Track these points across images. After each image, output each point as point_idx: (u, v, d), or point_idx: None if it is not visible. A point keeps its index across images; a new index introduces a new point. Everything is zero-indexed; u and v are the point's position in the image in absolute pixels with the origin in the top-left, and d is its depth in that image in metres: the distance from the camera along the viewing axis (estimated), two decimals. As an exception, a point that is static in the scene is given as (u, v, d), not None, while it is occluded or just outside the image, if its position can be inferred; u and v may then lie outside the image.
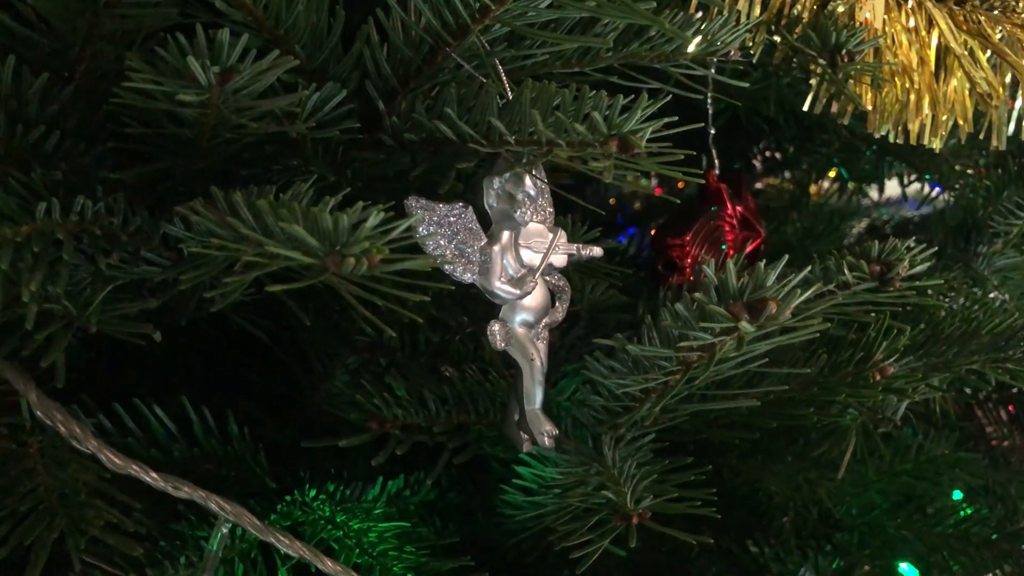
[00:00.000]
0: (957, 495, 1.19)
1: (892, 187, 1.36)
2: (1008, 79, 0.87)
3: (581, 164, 0.57)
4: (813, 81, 0.82)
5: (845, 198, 1.30)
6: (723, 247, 0.92)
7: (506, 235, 0.64)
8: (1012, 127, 0.86)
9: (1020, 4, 0.82)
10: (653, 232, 0.89)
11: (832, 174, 1.30)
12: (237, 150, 0.60)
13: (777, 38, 0.76)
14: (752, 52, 0.77)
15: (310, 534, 0.76)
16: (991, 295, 1.05)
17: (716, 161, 0.94)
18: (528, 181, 0.64)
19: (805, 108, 0.82)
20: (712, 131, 0.93)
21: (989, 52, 0.83)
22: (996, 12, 0.83)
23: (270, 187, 0.57)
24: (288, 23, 0.60)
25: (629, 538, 0.60)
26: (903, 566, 1.18)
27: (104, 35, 0.59)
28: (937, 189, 1.21)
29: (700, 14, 0.69)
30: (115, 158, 0.59)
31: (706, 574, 1.07)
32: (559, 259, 0.67)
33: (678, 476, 0.68)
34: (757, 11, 0.74)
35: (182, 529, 0.67)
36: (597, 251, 0.70)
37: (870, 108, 0.80)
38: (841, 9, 0.75)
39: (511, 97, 0.62)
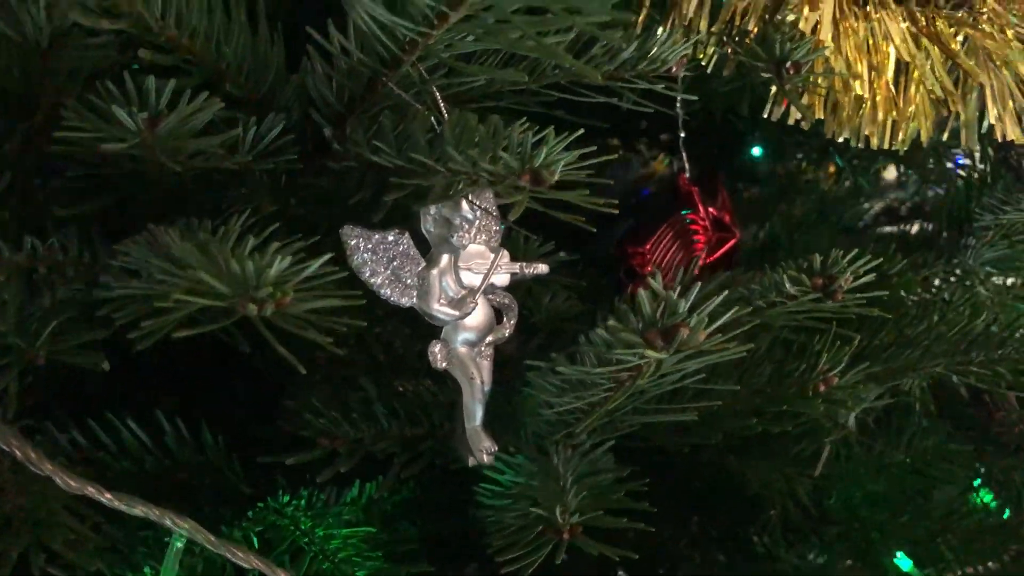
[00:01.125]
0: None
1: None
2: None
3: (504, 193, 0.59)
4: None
5: (841, 184, 1.30)
6: (694, 250, 0.93)
7: (445, 259, 0.66)
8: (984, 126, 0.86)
9: (985, 4, 0.82)
10: (617, 240, 0.90)
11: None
12: (185, 181, 0.63)
13: (729, 49, 0.77)
14: (704, 64, 0.78)
15: (280, 540, 0.79)
16: (977, 288, 1.04)
17: (687, 164, 0.95)
18: (465, 206, 0.65)
19: (765, 115, 0.83)
20: (682, 134, 0.94)
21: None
22: (961, 13, 0.82)
23: (206, 222, 0.60)
24: (229, 58, 0.62)
25: (557, 553, 0.62)
26: (898, 555, 1.19)
27: (54, 75, 0.62)
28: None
29: (640, 31, 0.71)
30: (69, 193, 0.62)
31: (696, 564, 1.09)
32: (501, 279, 0.69)
33: (621, 487, 0.70)
34: (704, 24, 0.75)
35: (148, 536, 0.70)
36: (543, 268, 0.72)
37: (825, 115, 0.80)
38: (792, 18, 0.76)
39: (445, 124, 0.64)
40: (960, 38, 0.81)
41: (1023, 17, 0.84)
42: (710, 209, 0.96)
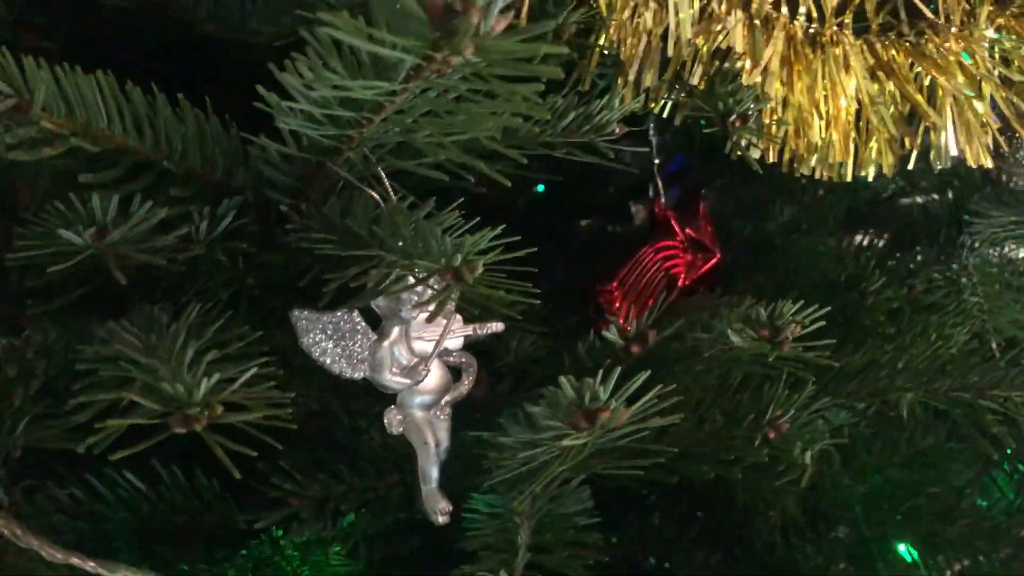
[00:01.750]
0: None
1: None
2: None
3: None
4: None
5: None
6: (669, 277, 0.94)
7: (396, 331, 0.69)
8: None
9: (940, 37, 0.81)
10: (590, 277, 0.92)
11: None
12: (144, 274, 0.67)
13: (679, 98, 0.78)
14: (656, 113, 0.79)
15: (274, 574, 0.85)
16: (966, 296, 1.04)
17: (662, 191, 0.96)
18: (411, 279, 0.68)
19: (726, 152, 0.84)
20: (656, 161, 0.95)
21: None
22: (924, 38, 0.82)
23: (164, 313, 0.64)
24: (178, 155, 0.66)
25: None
26: (902, 548, 1.21)
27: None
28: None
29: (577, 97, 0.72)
30: (37, 294, 0.67)
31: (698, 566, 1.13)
32: (455, 343, 0.72)
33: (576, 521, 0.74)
34: (650, 79, 0.76)
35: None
36: (498, 327, 0.74)
37: (783, 160, 0.81)
38: (740, 63, 0.76)
39: (392, 203, 0.67)
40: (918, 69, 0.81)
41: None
42: (688, 231, 0.98)
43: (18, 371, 0.63)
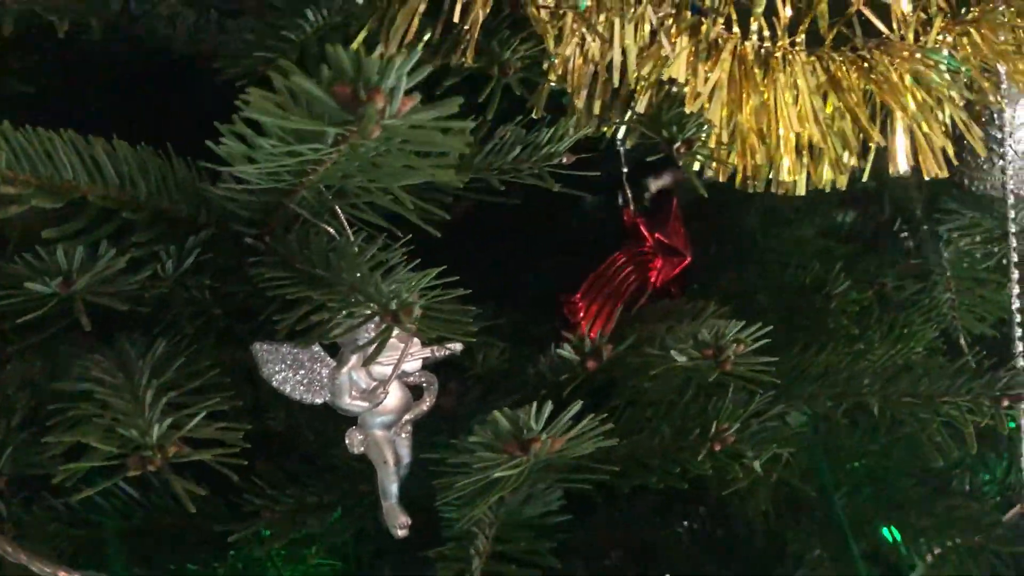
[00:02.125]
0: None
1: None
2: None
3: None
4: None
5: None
6: (637, 283, 0.97)
7: (353, 357, 0.73)
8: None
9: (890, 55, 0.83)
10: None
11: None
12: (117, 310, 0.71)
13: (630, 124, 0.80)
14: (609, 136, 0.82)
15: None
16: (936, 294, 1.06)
17: (631, 199, 0.99)
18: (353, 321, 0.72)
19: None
20: (625, 169, 0.98)
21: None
22: (876, 54, 0.83)
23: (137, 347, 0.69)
24: (143, 200, 0.70)
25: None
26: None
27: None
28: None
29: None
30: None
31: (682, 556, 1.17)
32: (413, 365, 0.76)
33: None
34: (598, 108, 0.78)
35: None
36: (456, 347, 0.78)
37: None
38: (688, 89, 0.78)
39: (345, 238, 0.71)
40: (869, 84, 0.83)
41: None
42: (658, 236, 1.00)
43: (0, 405, 0.68)
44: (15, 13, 0.72)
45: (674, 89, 0.79)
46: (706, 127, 0.76)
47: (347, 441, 0.75)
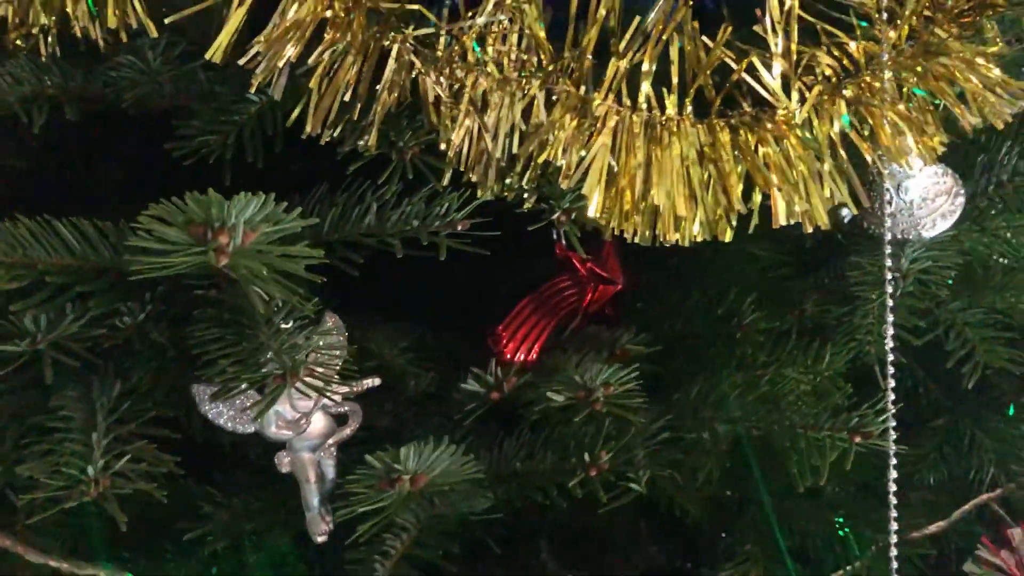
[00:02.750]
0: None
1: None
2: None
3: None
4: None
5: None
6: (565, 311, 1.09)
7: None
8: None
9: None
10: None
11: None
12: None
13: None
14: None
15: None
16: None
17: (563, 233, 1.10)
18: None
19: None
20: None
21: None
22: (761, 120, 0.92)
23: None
24: (103, 265, 0.85)
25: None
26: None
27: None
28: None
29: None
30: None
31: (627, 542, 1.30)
32: (333, 399, 0.91)
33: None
34: (490, 182, 0.89)
35: None
36: (374, 382, 0.92)
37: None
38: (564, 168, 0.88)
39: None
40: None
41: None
42: (589, 265, 1.11)
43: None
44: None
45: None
46: (581, 201, 0.87)
47: (276, 461, 0.90)
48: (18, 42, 0.85)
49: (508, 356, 1.04)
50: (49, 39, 0.87)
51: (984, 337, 1.21)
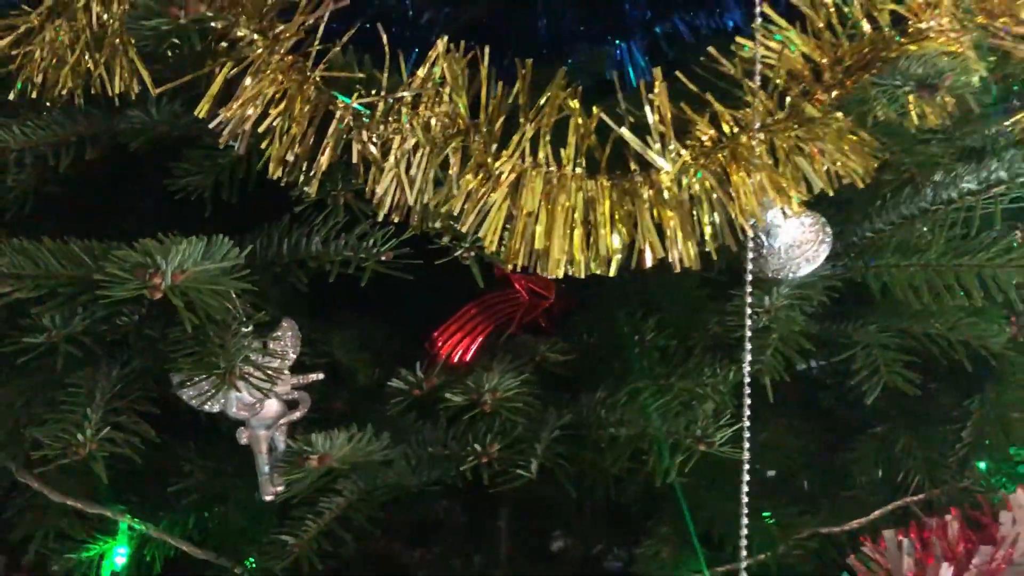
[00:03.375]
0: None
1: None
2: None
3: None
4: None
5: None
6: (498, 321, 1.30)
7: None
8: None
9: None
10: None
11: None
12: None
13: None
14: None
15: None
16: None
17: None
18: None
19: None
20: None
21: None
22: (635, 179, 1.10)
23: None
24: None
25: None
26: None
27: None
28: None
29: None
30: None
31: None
32: (283, 387, 1.14)
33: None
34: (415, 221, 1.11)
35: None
36: (318, 376, 1.15)
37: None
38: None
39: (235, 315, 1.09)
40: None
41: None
42: (523, 282, 1.31)
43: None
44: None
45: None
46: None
47: (237, 435, 1.14)
48: (48, 102, 1.10)
49: (442, 357, 1.26)
50: (76, 96, 1.11)
51: (890, 359, 1.37)
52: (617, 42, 1.51)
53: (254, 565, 1.20)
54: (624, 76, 1.49)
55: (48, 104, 1.12)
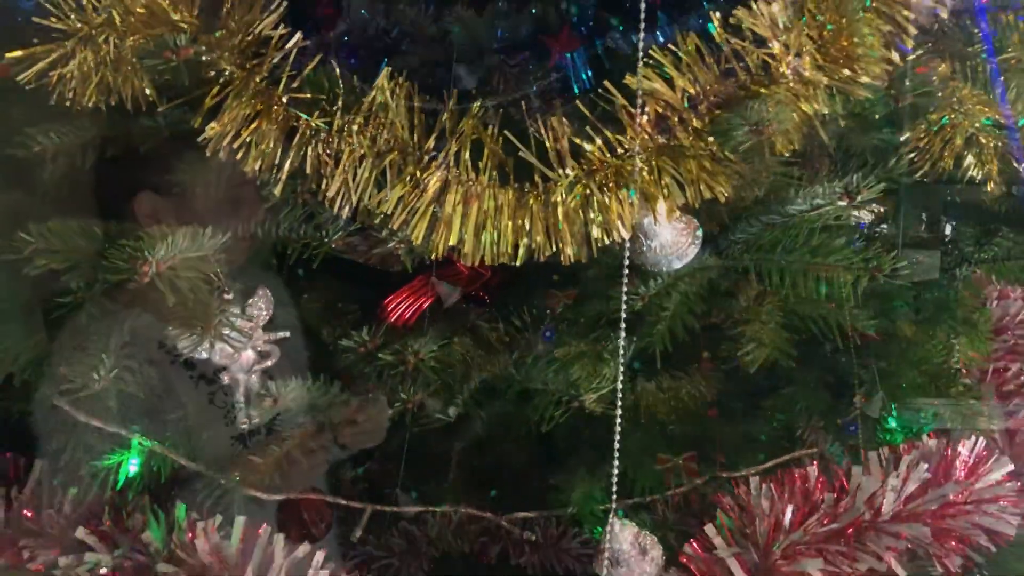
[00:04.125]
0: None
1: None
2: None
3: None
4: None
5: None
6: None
7: (223, 335, 1.43)
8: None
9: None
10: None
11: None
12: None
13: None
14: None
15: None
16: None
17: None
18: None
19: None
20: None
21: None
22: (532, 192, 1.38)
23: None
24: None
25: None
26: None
27: None
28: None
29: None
30: None
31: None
32: (257, 341, 1.45)
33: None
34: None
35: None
36: (285, 334, 1.46)
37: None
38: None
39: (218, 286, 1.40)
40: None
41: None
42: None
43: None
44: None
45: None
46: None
47: (220, 377, 1.46)
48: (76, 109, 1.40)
49: (390, 321, 1.56)
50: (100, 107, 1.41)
51: (773, 335, 1.64)
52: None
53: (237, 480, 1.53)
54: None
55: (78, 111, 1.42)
